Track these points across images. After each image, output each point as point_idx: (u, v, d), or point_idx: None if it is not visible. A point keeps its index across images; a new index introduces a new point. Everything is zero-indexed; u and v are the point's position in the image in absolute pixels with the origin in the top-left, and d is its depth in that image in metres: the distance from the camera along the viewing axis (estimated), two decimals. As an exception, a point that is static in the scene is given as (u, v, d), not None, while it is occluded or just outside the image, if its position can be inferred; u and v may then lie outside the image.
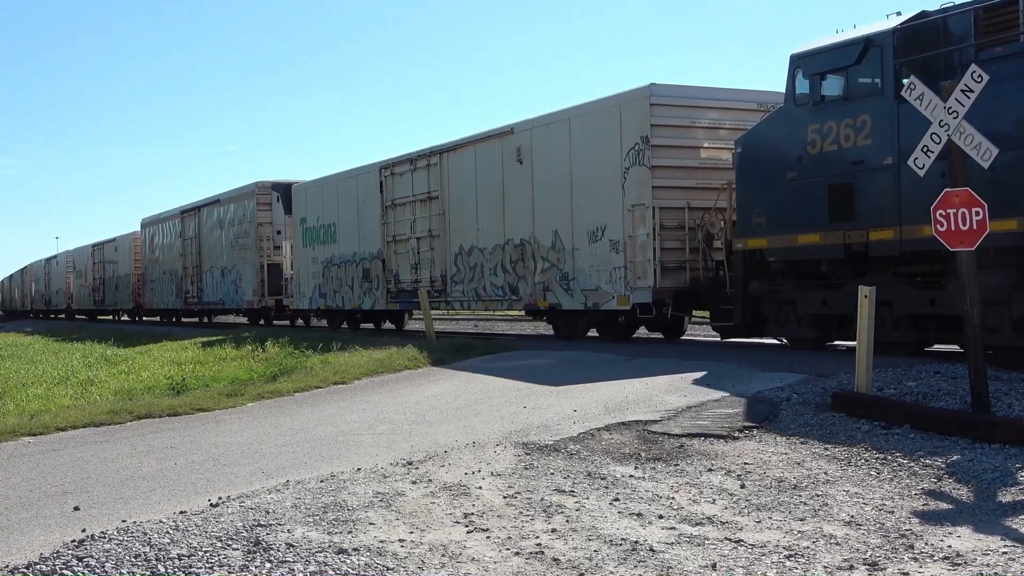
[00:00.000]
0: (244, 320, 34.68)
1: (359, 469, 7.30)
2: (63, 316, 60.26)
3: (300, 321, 30.84)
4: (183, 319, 40.18)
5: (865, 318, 9.20)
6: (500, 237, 18.85)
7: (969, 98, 7.97)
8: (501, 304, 19.62)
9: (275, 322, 30.97)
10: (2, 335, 39.70)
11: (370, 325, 25.44)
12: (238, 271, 31.17)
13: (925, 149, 8.34)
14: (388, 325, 25.76)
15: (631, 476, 6.98)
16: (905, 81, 9.99)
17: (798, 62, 12.71)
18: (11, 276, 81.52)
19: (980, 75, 7.94)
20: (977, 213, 7.87)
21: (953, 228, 8.00)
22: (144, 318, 45.31)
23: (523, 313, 20.79)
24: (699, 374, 11.56)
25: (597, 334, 17.95)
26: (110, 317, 51.66)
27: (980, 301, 8.29)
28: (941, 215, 8.07)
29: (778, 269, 13.39)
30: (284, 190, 29.23)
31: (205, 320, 38.76)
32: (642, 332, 18.24)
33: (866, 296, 9.25)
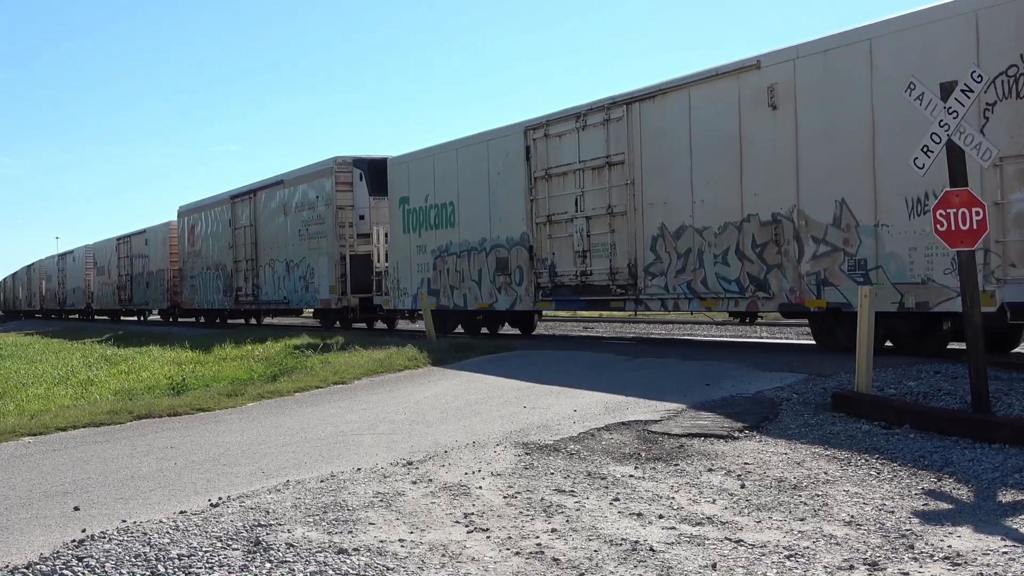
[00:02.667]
0: (309, 321, 30.51)
1: (359, 469, 7.30)
2: (76, 316, 56.23)
3: (389, 323, 26.17)
4: (228, 320, 35.67)
5: (865, 318, 9.20)
6: (734, 212, 14.03)
7: (969, 98, 7.99)
8: (736, 302, 14.24)
9: (355, 325, 25.97)
10: (4, 335, 39.21)
11: (474, 327, 21.03)
12: (309, 264, 26.42)
13: (925, 149, 8.35)
14: (508, 328, 21.66)
15: (631, 476, 6.98)
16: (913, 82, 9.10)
17: None
18: (14, 274, 77.86)
19: (980, 75, 7.96)
20: (977, 213, 7.89)
21: (953, 228, 8.02)
22: (180, 319, 40.90)
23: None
24: (699, 374, 11.57)
25: (892, 344, 13.11)
26: (134, 318, 47.42)
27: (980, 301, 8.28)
28: (941, 215, 8.09)
29: None
30: (368, 167, 24.77)
31: (253, 321, 34.69)
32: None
33: (866, 296, 9.25)
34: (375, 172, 24.29)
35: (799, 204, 13.09)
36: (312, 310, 27.84)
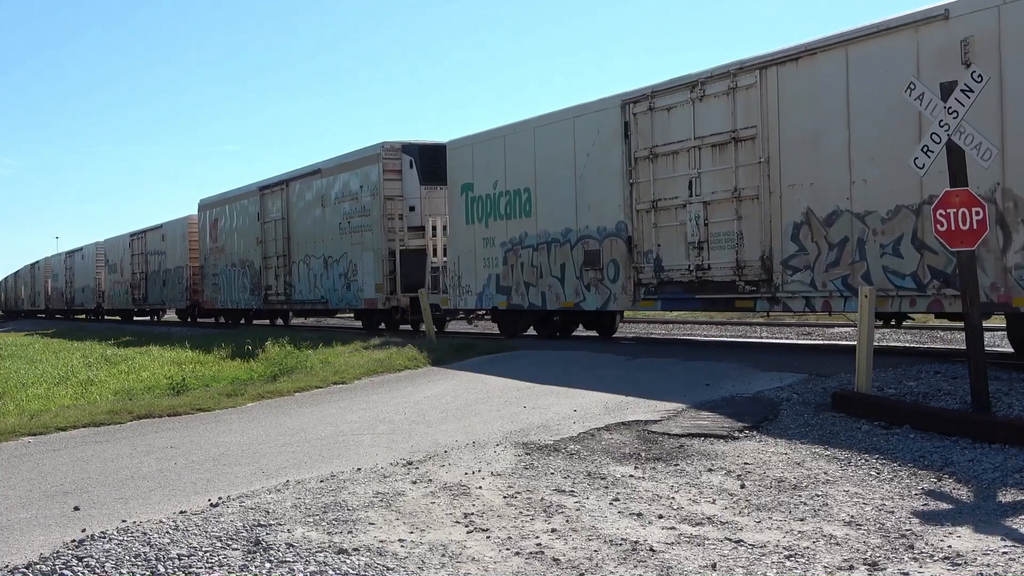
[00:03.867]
0: (345, 322, 28.26)
1: (359, 469, 7.30)
2: (82, 317, 53.89)
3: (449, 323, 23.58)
4: (254, 321, 32.70)
5: (865, 318, 9.21)
6: (909, 193, 11.65)
7: (969, 98, 8.00)
8: (912, 301, 11.87)
9: (403, 327, 23.20)
10: (3, 335, 38.96)
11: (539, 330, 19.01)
12: (350, 260, 24.03)
13: (925, 149, 8.35)
14: (581, 330, 19.64)
15: (631, 476, 6.98)
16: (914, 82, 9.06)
17: None
18: (16, 273, 75.13)
19: (980, 75, 7.96)
20: (977, 213, 7.89)
21: (953, 228, 8.02)
22: (199, 319, 37.91)
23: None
24: (699, 374, 11.57)
25: None
26: (147, 318, 44.75)
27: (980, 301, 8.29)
28: (941, 215, 8.09)
29: None
30: (420, 153, 22.52)
31: (279, 322, 31.82)
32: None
33: (866, 296, 9.25)
34: (427, 159, 22.21)
35: (1004, 181, 10.75)
36: (353, 311, 25.38)
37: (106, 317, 49.72)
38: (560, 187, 17.09)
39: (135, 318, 45.55)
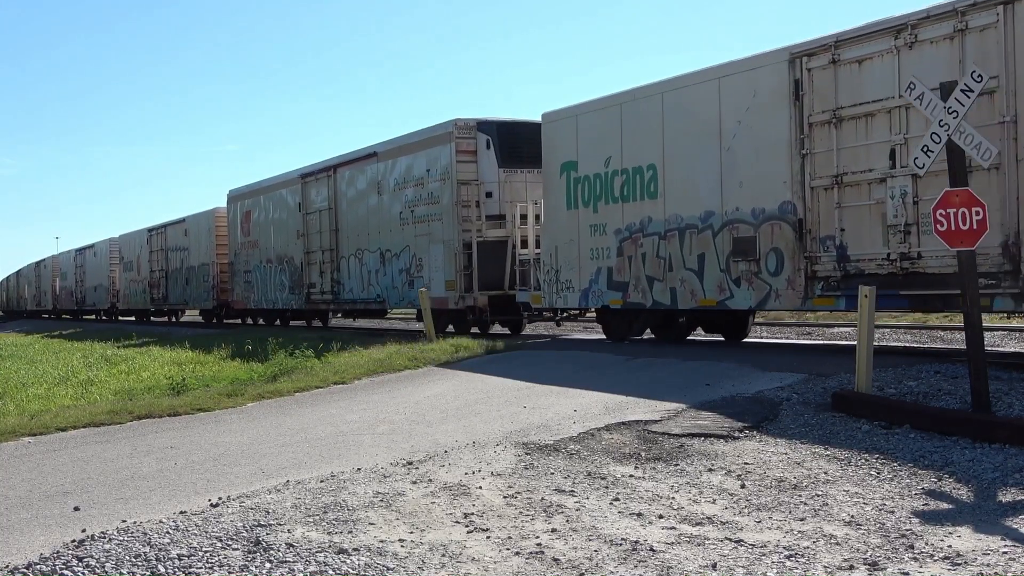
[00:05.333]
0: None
1: (359, 469, 7.30)
2: (93, 317, 51.38)
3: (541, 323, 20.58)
4: (291, 322, 29.93)
5: (865, 317, 9.21)
6: None
7: (969, 98, 8.00)
8: None
9: (474, 330, 20.30)
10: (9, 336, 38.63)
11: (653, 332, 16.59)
12: (414, 254, 21.25)
13: (925, 149, 8.36)
14: (701, 333, 17.21)
15: (631, 476, 6.98)
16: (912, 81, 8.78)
17: None
18: (19, 272, 72.57)
19: (980, 75, 7.97)
20: (977, 213, 7.90)
21: (953, 228, 8.03)
22: (226, 320, 34.79)
23: None
24: (699, 374, 11.57)
25: None
26: (165, 318, 41.97)
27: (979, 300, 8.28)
28: (941, 215, 8.10)
29: None
30: (498, 131, 19.70)
31: (316, 323, 29.17)
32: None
33: (866, 296, 9.25)
34: (506, 137, 19.60)
35: None
36: (417, 311, 22.24)
37: (120, 318, 46.89)
38: (698, 162, 14.26)
39: (152, 319, 42.97)
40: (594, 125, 16.31)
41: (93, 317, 51.96)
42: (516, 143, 19.58)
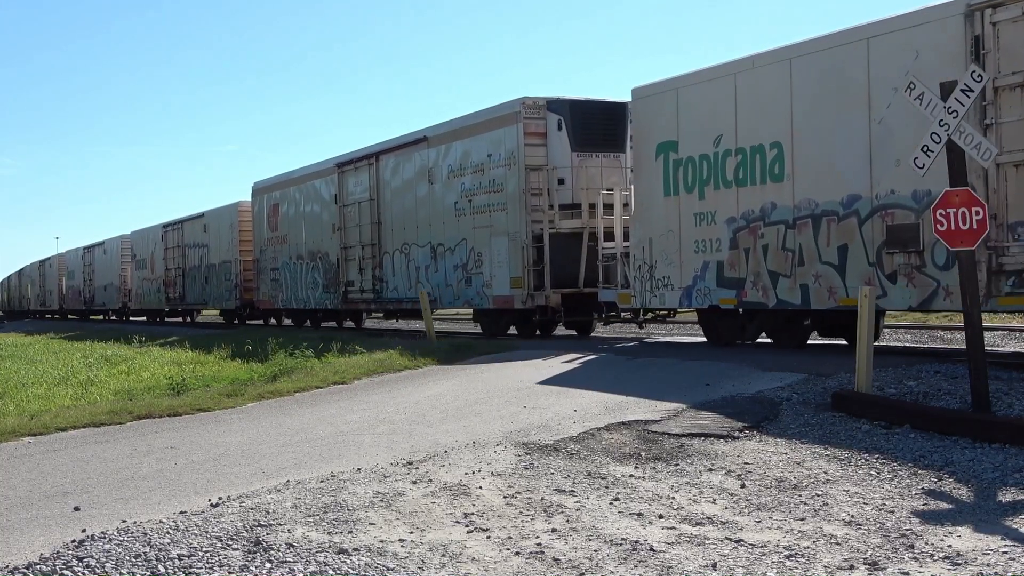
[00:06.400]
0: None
1: (359, 469, 7.30)
2: (101, 318, 49.86)
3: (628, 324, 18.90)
4: (322, 323, 27.61)
5: (865, 317, 9.21)
6: None
7: (969, 98, 8.01)
8: None
9: (539, 333, 18.94)
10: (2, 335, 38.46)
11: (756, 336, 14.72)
12: (472, 249, 19.37)
13: (925, 149, 8.36)
14: (815, 338, 14.79)
15: (631, 476, 6.98)
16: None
17: None
18: (21, 271, 71.12)
19: (980, 75, 7.98)
20: (977, 213, 7.90)
21: (953, 228, 8.04)
22: (248, 320, 32.88)
23: None
24: (699, 374, 11.57)
25: None
26: (179, 319, 40.21)
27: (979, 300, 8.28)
28: (941, 214, 8.11)
29: None
30: (571, 111, 17.93)
31: (349, 324, 26.92)
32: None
33: (866, 295, 9.26)
34: (579, 118, 17.90)
35: None
36: (475, 311, 20.58)
37: (131, 318, 44.92)
38: (838, 138, 12.35)
39: (166, 319, 41.10)
40: (700, 99, 14.40)
41: (101, 317, 50.47)
42: (590, 124, 17.97)
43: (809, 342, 14.47)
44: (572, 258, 17.51)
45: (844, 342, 14.05)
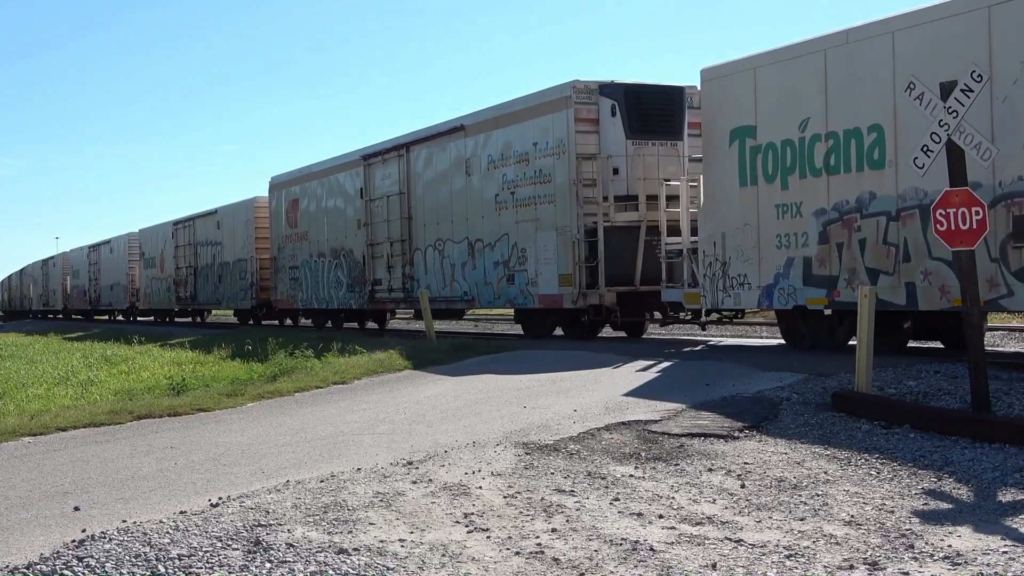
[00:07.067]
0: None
1: (359, 469, 7.30)
2: (107, 318, 48.82)
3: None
4: (344, 324, 26.25)
5: (865, 317, 9.21)
6: None
7: (969, 98, 8.01)
8: None
9: (602, 335, 18.14)
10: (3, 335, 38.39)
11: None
12: (514, 244, 18.05)
13: (925, 149, 8.37)
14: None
15: (631, 476, 6.98)
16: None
17: None
18: (22, 270, 70.07)
19: (980, 75, 7.98)
20: (977, 213, 7.91)
21: (953, 227, 8.04)
22: (263, 321, 31.57)
23: None
24: (699, 374, 11.57)
25: None
26: (189, 319, 39.24)
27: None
28: (941, 214, 8.11)
29: None
30: (626, 96, 16.57)
31: (373, 325, 26.07)
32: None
33: (866, 296, 9.26)
34: (634, 103, 16.57)
35: None
36: (517, 311, 19.24)
37: (139, 318, 43.83)
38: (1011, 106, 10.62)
39: (176, 319, 40.05)
40: (782, 79, 13.05)
41: (107, 318, 49.36)
42: (646, 110, 16.68)
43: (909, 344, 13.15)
44: (628, 254, 16.36)
45: (941, 345, 13.18)
